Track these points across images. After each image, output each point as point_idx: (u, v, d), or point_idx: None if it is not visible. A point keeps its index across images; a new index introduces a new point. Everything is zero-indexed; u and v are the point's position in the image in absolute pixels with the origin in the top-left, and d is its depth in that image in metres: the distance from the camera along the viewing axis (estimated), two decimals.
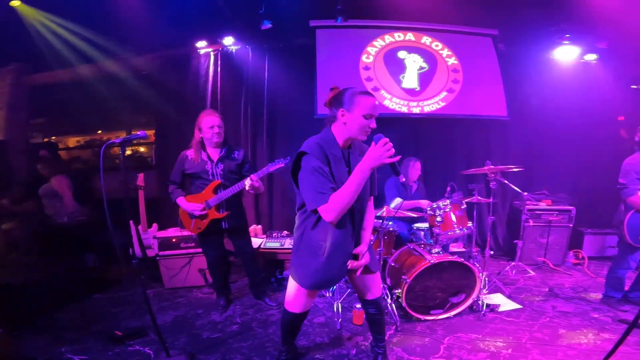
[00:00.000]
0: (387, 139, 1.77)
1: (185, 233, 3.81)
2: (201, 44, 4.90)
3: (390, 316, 2.99)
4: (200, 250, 3.63)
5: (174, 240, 3.84)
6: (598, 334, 2.77)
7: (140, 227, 4.17)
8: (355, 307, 3.03)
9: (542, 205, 4.62)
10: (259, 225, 4.69)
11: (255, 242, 4.02)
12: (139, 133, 2.35)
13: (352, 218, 1.99)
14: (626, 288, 3.27)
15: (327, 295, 3.48)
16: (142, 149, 6.06)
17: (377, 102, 1.96)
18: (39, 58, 4.65)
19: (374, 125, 1.92)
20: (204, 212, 3.07)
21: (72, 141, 6.21)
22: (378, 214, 3.17)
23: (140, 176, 4.06)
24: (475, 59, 5.12)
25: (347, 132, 1.94)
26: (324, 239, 1.96)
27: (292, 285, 2.13)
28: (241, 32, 4.86)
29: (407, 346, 2.68)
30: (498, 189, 4.36)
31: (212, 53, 4.99)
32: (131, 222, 4.14)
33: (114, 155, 5.28)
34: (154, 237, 3.85)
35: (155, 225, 4.30)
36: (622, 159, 3.09)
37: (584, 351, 2.52)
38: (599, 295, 3.45)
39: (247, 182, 2.93)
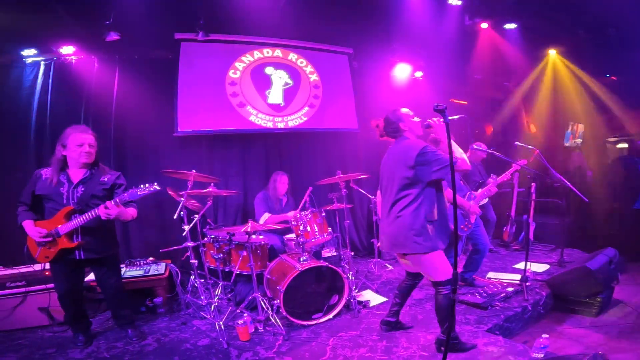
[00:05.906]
0: (430, 119, 2.54)
1: (8, 272, 3.28)
2: (29, 52, 4.09)
3: (275, 327, 2.98)
4: (36, 288, 3.28)
5: None
6: None
7: None
8: (238, 323, 2.91)
9: None
10: None
11: None
12: None
13: None
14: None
15: (209, 317, 3.26)
16: None
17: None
18: None
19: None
20: (48, 239, 2.62)
21: None
22: (243, 229, 3.16)
23: None
24: (333, 75, 5.56)
25: (414, 131, 2.61)
26: (435, 207, 2.49)
27: (431, 258, 2.46)
28: (86, 40, 4.21)
29: (296, 354, 2.71)
30: (355, 194, 4.85)
31: (42, 62, 4.19)
32: None
33: None
34: None
35: None
36: None
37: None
38: None
39: (102, 210, 2.55)
